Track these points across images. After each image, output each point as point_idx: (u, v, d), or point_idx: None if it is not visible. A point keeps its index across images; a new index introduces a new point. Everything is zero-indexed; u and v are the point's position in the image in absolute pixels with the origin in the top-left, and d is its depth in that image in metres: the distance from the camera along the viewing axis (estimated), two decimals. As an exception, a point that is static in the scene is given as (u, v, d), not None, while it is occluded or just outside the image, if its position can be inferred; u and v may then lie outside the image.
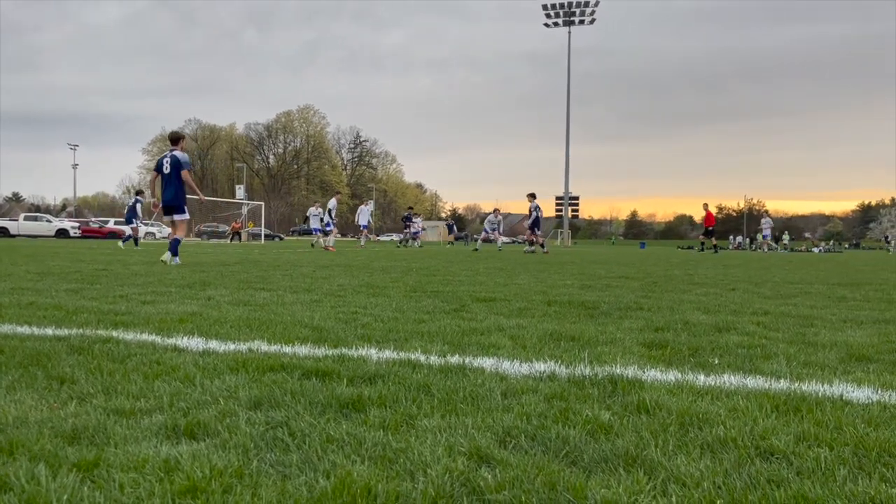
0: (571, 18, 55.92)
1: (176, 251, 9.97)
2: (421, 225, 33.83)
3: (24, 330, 3.45)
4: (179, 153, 10.15)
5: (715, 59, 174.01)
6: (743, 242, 62.92)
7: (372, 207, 28.20)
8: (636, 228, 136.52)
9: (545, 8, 56.20)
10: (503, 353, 3.04)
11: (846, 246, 72.32)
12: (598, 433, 1.87)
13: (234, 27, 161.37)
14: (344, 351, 2.98)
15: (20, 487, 1.44)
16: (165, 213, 10.37)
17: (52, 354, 2.78)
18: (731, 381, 2.53)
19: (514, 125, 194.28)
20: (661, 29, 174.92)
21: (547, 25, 56.93)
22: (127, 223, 22.18)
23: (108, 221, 45.73)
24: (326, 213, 22.20)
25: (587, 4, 55.27)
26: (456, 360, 2.82)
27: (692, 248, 51.31)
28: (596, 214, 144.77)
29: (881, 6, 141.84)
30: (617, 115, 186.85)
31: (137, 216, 21.26)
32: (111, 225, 43.39)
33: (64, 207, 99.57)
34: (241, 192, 50.22)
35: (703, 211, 27.18)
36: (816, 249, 52.78)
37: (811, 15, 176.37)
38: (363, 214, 25.74)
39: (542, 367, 2.72)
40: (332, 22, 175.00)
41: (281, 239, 54.62)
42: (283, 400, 2.14)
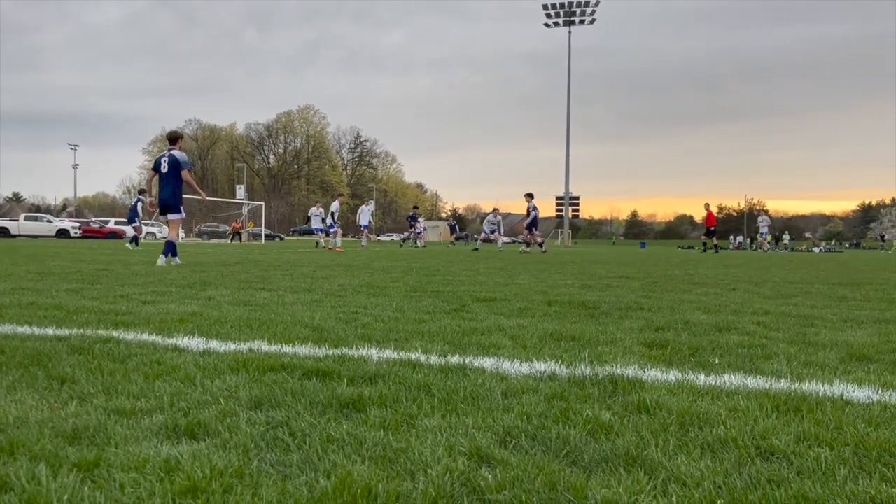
0: (572, 18, 55.97)
1: (170, 252, 9.93)
2: (423, 225, 33.81)
3: (24, 330, 3.45)
4: (178, 152, 10.14)
5: (715, 59, 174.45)
6: (744, 242, 62.91)
7: (372, 207, 28.18)
8: (636, 228, 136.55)
9: (545, 8, 56.26)
10: (503, 352, 3.04)
11: (846, 246, 72.26)
12: (598, 433, 1.87)
13: (234, 27, 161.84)
14: (344, 351, 2.98)
15: (21, 487, 1.44)
16: (161, 212, 10.39)
17: (52, 354, 2.78)
18: (731, 380, 2.53)
19: (514, 125, 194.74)
20: (661, 29, 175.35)
21: (547, 25, 56.98)
22: (129, 223, 22.24)
23: (108, 221, 45.74)
24: (329, 215, 22.22)
25: (587, 4, 55.31)
26: (456, 360, 2.82)
27: (692, 248, 51.33)
28: (596, 214, 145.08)
29: (881, 6, 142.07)
30: (617, 114, 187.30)
31: (139, 216, 21.29)
32: (112, 225, 43.41)
33: (64, 207, 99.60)
34: (241, 192, 50.25)
35: (704, 211, 27.14)
36: (817, 249, 52.76)
37: (811, 15, 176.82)
38: (364, 214, 25.75)
39: (542, 366, 2.72)
40: (332, 22, 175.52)
41: (281, 239, 54.63)
42: (283, 400, 2.14)
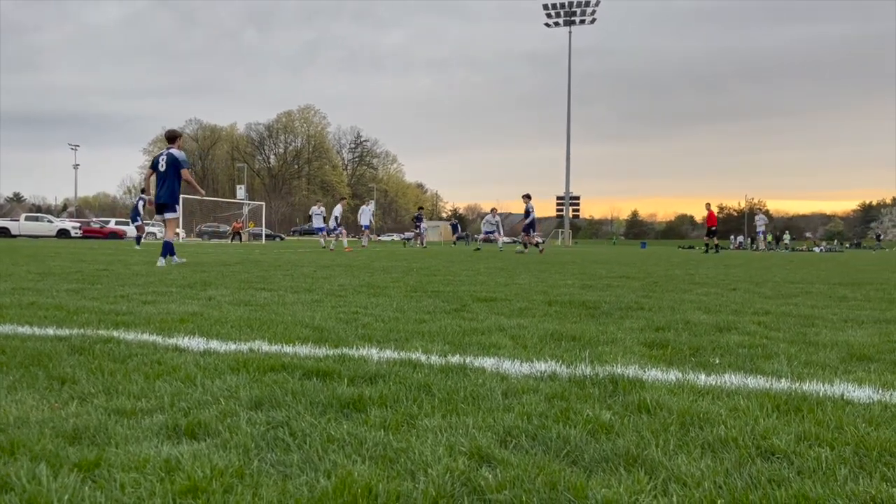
0: (572, 18, 55.97)
1: (168, 252, 9.89)
2: (424, 225, 33.80)
3: (25, 330, 3.45)
4: (176, 151, 10.11)
5: (715, 59, 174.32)
6: (744, 242, 62.88)
7: (373, 207, 28.18)
8: (637, 228, 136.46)
9: (546, 8, 56.27)
10: (504, 352, 3.04)
11: (847, 246, 72.26)
12: (598, 433, 1.87)
13: (234, 27, 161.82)
14: (345, 351, 2.98)
15: (21, 487, 1.44)
16: (158, 210, 10.36)
17: (53, 354, 2.79)
18: (731, 380, 2.53)
19: (514, 125, 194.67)
20: (661, 29, 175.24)
21: (548, 25, 57.00)
22: (132, 222, 22.25)
23: (109, 222, 45.75)
24: (333, 219, 22.33)
25: (587, 4, 55.32)
26: (457, 359, 2.82)
27: (693, 247, 51.32)
28: (597, 214, 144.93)
29: (881, 6, 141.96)
30: (617, 114, 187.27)
31: (141, 215, 21.28)
32: (112, 225, 43.44)
33: (65, 207, 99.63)
34: (241, 192, 50.25)
35: (705, 210, 27.11)
36: (817, 249, 52.75)
37: (811, 15, 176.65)
38: (364, 214, 25.74)
39: (542, 366, 2.72)
40: (332, 22, 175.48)
41: (282, 239, 54.65)
42: (283, 400, 2.14)
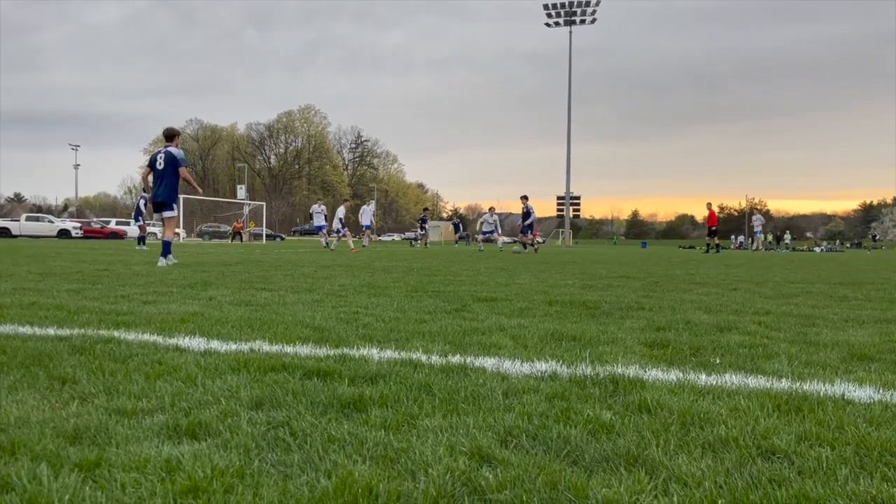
0: (572, 18, 55.94)
1: (167, 251, 9.82)
2: (427, 226, 33.82)
3: (25, 330, 3.45)
4: (175, 149, 10.05)
5: (715, 59, 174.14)
6: (745, 242, 62.86)
7: (374, 208, 28.19)
8: (637, 228, 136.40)
9: (546, 8, 56.23)
10: (504, 352, 3.04)
11: (848, 245, 72.21)
12: (599, 433, 1.87)
13: (234, 27, 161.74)
14: (345, 351, 2.98)
15: (22, 487, 1.44)
16: (156, 209, 10.30)
17: (53, 354, 2.79)
18: (732, 380, 2.53)
19: (514, 125, 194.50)
20: (661, 29, 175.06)
21: (548, 25, 56.97)
22: (135, 221, 22.23)
23: (109, 222, 45.77)
24: (337, 220, 22.41)
25: (588, 4, 55.28)
26: (457, 359, 2.82)
27: (693, 247, 51.30)
28: (597, 214, 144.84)
29: (881, 6, 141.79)
30: (617, 114, 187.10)
31: (143, 214, 21.26)
32: (113, 225, 43.46)
33: (65, 208, 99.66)
34: (242, 192, 50.30)
35: (706, 210, 27.09)
36: (818, 249, 52.73)
37: (811, 15, 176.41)
38: (365, 215, 25.77)
39: (543, 366, 2.72)
40: (332, 22, 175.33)
41: (282, 239, 54.66)
42: (284, 400, 2.14)
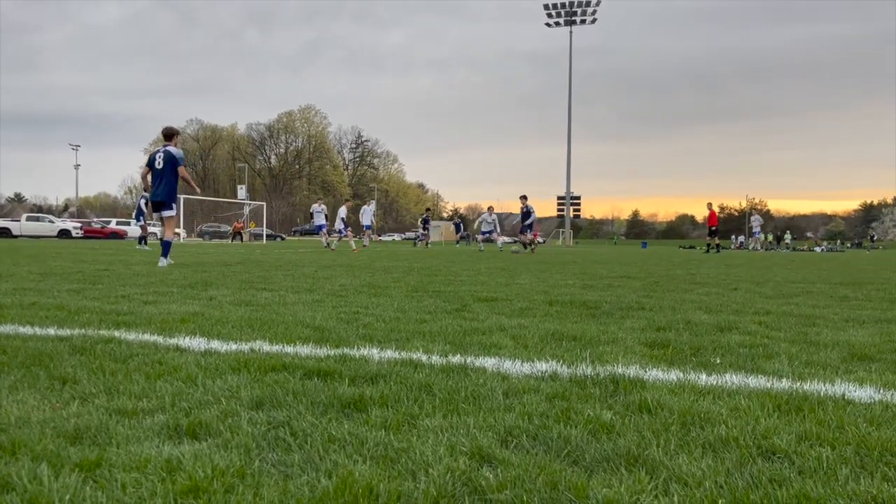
0: (573, 18, 55.94)
1: (167, 252, 9.75)
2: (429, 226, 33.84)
3: (26, 330, 3.46)
4: (173, 149, 9.99)
5: (715, 59, 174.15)
6: (745, 242, 62.84)
7: (374, 208, 28.19)
8: (638, 228, 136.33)
9: (546, 8, 56.24)
10: (505, 352, 3.04)
11: (848, 245, 72.18)
12: (599, 433, 1.87)
13: (234, 27, 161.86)
14: (346, 351, 2.98)
15: (23, 487, 1.44)
16: (154, 209, 10.26)
17: (54, 355, 2.79)
18: (732, 380, 2.53)
19: (514, 125, 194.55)
20: (661, 29, 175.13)
21: (548, 25, 56.98)
22: (136, 221, 22.23)
23: (110, 222, 45.78)
24: (339, 220, 22.49)
25: (588, 4, 55.28)
26: (457, 359, 2.82)
27: (694, 247, 51.28)
28: (598, 214, 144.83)
29: (881, 6, 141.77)
30: (618, 114, 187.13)
31: (145, 214, 21.23)
32: (113, 225, 43.47)
33: (66, 208, 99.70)
34: (242, 192, 50.30)
35: (706, 210, 27.08)
36: (818, 249, 52.71)
37: (811, 15, 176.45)
38: (366, 215, 25.75)
39: (543, 366, 2.72)
40: (332, 22, 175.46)
41: (283, 239, 54.67)
42: (284, 400, 2.14)
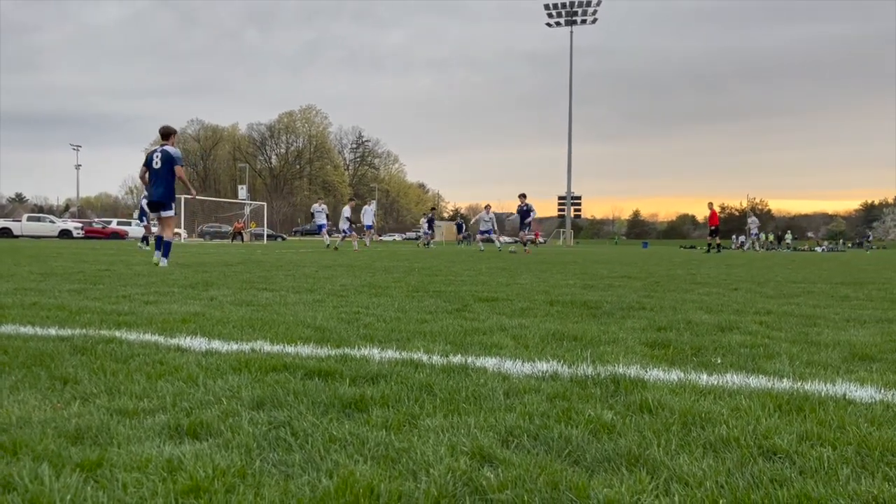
0: (573, 18, 55.99)
1: (165, 252, 9.61)
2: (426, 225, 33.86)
3: (27, 330, 3.46)
4: (171, 148, 9.90)
5: (715, 59, 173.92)
6: (744, 242, 62.80)
7: (375, 208, 28.22)
8: (638, 228, 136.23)
9: (547, 8, 56.29)
10: (505, 352, 3.04)
11: (849, 245, 72.14)
12: (600, 433, 1.87)
13: (234, 27, 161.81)
14: (346, 351, 2.98)
15: (24, 487, 1.45)
16: (152, 209, 10.16)
17: (55, 355, 2.79)
18: (733, 380, 2.53)
19: (514, 125, 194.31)
20: (661, 29, 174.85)
21: (549, 25, 57.03)
22: (139, 222, 22.23)
23: (111, 222, 45.80)
24: (344, 220, 22.57)
25: (588, 4, 55.33)
26: (458, 359, 2.82)
27: (694, 247, 51.27)
28: (598, 214, 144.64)
29: (881, 6, 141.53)
30: (618, 114, 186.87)
31: (148, 214, 21.20)
32: (114, 225, 43.49)
33: (67, 208, 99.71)
34: (243, 192, 50.26)
35: (707, 210, 27.06)
36: (819, 249, 52.68)
37: (811, 15, 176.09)
38: (367, 215, 25.76)
39: (544, 366, 2.72)
40: (332, 22, 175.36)
41: (283, 239, 54.67)
42: (285, 400, 2.14)
